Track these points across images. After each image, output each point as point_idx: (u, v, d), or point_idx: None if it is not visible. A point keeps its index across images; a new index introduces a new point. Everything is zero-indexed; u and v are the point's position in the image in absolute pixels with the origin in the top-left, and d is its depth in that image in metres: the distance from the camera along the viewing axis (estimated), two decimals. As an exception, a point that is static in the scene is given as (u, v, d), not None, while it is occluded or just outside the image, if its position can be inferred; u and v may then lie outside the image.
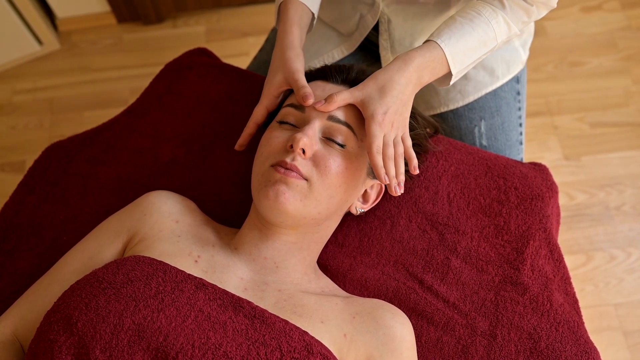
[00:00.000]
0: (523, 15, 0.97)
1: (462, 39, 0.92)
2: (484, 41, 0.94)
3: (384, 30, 1.15)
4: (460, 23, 0.93)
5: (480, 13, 0.95)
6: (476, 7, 0.96)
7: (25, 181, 1.08)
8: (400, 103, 0.87)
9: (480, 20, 0.94)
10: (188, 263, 0.85)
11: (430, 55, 0.90)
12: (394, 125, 0.86)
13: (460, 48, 0.92)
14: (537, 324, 0.92)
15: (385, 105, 0.85)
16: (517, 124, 1.24)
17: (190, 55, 1.22)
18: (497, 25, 0.95)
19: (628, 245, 1.73)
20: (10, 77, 2.09)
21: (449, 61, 0.92)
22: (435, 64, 0.91)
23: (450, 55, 0.91)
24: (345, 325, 0.83)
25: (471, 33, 0.93)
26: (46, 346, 0.72)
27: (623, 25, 2.13)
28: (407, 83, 0.88)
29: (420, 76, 0.90)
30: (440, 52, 0.91)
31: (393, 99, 0.86)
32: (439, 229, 1.01)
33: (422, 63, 0.89)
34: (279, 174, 0.83)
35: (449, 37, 0.92)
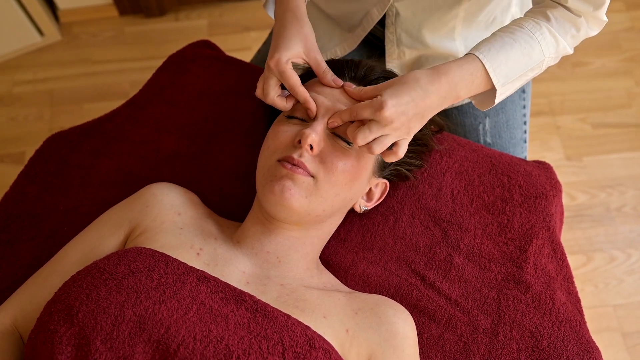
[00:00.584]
0: (571, 27, 0.91)
1: (502, 50, 0.86)
2: (528, 54, 0.88)
3: (390, 23, 1.13)
4: (501, 36, 0.88)
5: (523, 26, 0.90)
6: (518, 21, 0.92)
7: (26, 171, 1.07)
8: (415, 108, 0.79)
9: (522, 32, 0.89)
10: (190, 255, 0.84)
11: (469, 67, 0.84)
12: (394, 126, 0.79)
13: (501, 60, 0.85)
14: (539, 323, 0.91)
15: (397, 99, 0.78)
16: (522, 122, 1.24)
17: (193, 48, 1.21)
18: (542, 37, 0.89)
19: (628, 246, 1.73)
20: (10, 68, 2.08)
21: (490, 73, 0.85)
22: (474, 77, 0.85)
23: (491, 67, 0.85)
24: (347, 320, 0.83)
25: (512, 45, 0.87)
26: (46, 336, 0.72)
27: (627, 26, 2.12)
28: (433, 92, 0.81)
29: (455, 89, 0.83)
30: (479, 65, 0.85)
31: (409, 99, 0.79)
32: (442, 226, 1.00)
33: (458, 75, 0.83)
34: (285, 169, 0.82)
35: (488, 49, 0.86)
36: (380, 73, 0.94)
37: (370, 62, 0.96)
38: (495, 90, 0.88)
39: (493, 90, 0.88)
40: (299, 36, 0.86)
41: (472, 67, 0.85)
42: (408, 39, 1.13)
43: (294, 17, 0.87)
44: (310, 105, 0.85)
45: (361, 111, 0.79)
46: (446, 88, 0.82)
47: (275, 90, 0.86)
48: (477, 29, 1.12)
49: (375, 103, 0.78)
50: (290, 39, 0.85)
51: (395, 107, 0.77)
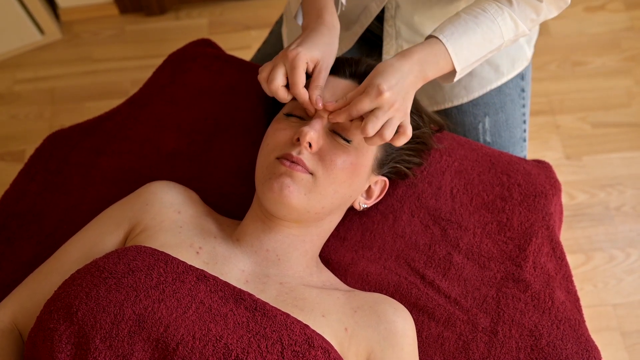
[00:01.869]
0: (531, 12, 0.95)
1: (465, 35, 0.90)
2: (489, 38, 0.92)
3: (389, 16, 1.13)
4: (464, 19, 0.91)
5: (486, 10, 0.92)
6: (482, 5, 0.94)
7: (27, 169, 1.07)
8: (403, 88, 0.82)
9: (485, 17, 0.92)
10: (189, 254, 0.84)
11: (432, 49, 0.88)
12: (395, 107, 0.81)
13: (463, 44, 0.89)
14: (539, 321, 0.92)
15: (388, 82, 0.80)
16: (521, 121, 1.24)
17: (194, 46, 1.21)
18: (503, 22, 0.92)
19: (628, 245, 1.73)
20: (11, 66, 2.08)
21: (452, 57, 0.89)
22: (438, 58, 0.88)
23: (454, 51, 0.89)
24: (346, 319, 0.83)
25: (475, 29, 0.90)
26: (46, 335, 0.72)
27: (626, 25, 2.12)
28: (408, 72, 0.84)
29: (423, 70, 0.87)
30: (442, 48, 0.88)
31: (396, 80, 0.81)
32: (442, 225, 1.00)
33: (424, 57, 0.86)
34: (284, 166, 0.82)
35: (451, 32, 0.89)
36: None
37: (370, 60, 0.96)
38: (455, 71, 0.91)
39: (453, 71, 0.92)
40: (326, 48, 0.88)
41: (435, 49, 0.88)
42: (408, 31, 1.13)
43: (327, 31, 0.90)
44: (309, 106, 0.85)
45: (360, 105, 0.80)
46: (416, 68, 0.85)
47: (282, 80, 0.86)
48: None
49: (372, 91, 0.79)
50: (318, 45, 0.87)
51: (391, 89, 0.80)
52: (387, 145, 0.91)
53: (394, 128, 0.82)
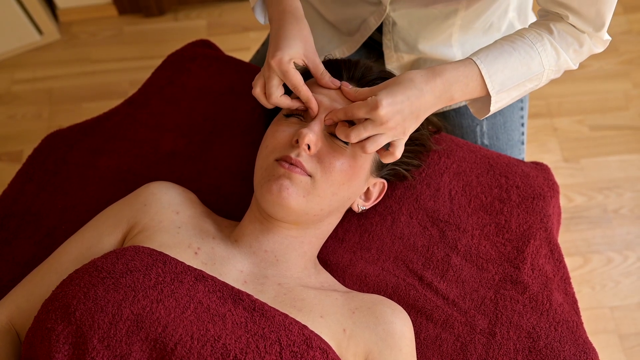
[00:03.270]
0: (574, 42, 0.91)
1: (500, 57, 0.86)
2: (527, 64, 0.88)
3: (387, 31, 1.14)
4: (500, 44, 0.88)
5: (524, 36, 0.90)
6: (520, 31, 0.91)
7: (24, 169, 1.07)
8: (410, 107, 0.79)
9: (523, 43, 0.88)
10: (188, 255, 0.84)
11: (464, 69, 0.84)
12: (389, 126, 0.78)
13: (498, 67, 0.85)
14: (537, 323, 0.92)
15: (393, 98, 0.78)
16: (519, 124, 1.24)
17: (192, 47, 1.21)
18: (543, 48, 0.89)
19: (625, 248, 1.73)
20: (9, 66, 2.08)
21: (485, 79, 0.85)
22: (469, 80, 0.85)
23: (487, 73, 0.85)
24: (344, 320, 0.83)
25: (511, 53, 0.87)
26: (44, 335, 0.72)
27: (624, 29, 2.13)
28: (428, 91, 0.81)
29: (449, 90, 0.83)
30: (475, 69, 0.85)
31: (404, 98, 0.78)
32: (440, 226, 1.00)
33: (454, 76, 0.83)
34: (283, 168, 0.82)
35: (485, 55, 0.86)
36: (378, 73, 0.94)
37: (368, 63, 0.96)
38: (490, 97, 0.88)
39: (488, 97, 0.88)
40: (299, 37, 0.86)
41: (467, 70, 0.85)
42: (405, 46, 1.14)
43: (293, 18, 0.87)
44: (312, 104, 0.85)
45: (356, 111, 0.79)
46: (441, 88, 0.82)
47: (279, 90, 0.85)
48: (474, 35, 1.13)
49: (371, 102, 0.78)
50: (291, 39, 0.85)
51: (390, 107, 0.77)
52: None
53: (379, 144, 0.80)
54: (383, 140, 0.80)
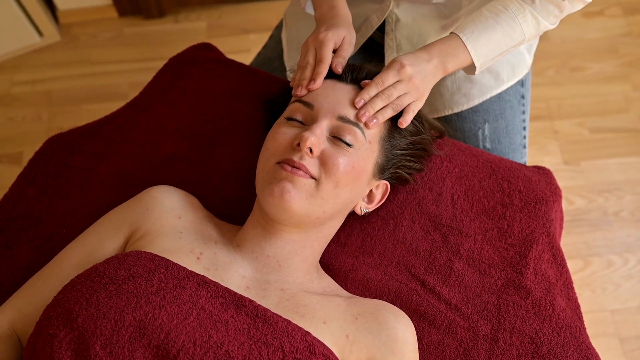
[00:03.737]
0: (554, 9, 0.98)
1: (484, 32, 0.95)
2: (509, 34, 0.96)
3: (390, 30, 1.14)
4: (485, 17, 0.96)
5: (507, 7, 0.96)
6: (503, 2, 0.97)
7: (25, 173, 1.06)
8: (425, 69, 0.90)
9: (505, 15, 0.96)
10: (190, 260, 0.84)
11: (451, 43, 0.94)
12: (415, 84, 0.89)
13: (482, 41, 0.95)
14: (539, 329, 0.91)
15: (409, 60, 0.89)
16: (521, 128, 1.24)
17: (194, 50, 1.21)
18: (524, 19, 0.96)
19: (625, 251, 1.73)
20: (9, 68, 2.07)
21: (470, 53, 0.95)
22: (458, 52, 0.95)
23: (472, 48, 0.94)
24: (347, 326, 0.82)
25: (495, 27, 0.95)
26: (46, 341, 0.71)
27: (624, 31, 2.13)
28: (428, 59, 0.91)
29: (443, 61, 0.93)
30: (462, 44, 0.94)
31: (419, 59, 0.90)
32: (442, 231, 1.00)
33: (444, 50, 0.93)
34: (285, 171, 0.82)
35: (471, 30, 0.95)
36: None
37: (371, 67, 0.96)
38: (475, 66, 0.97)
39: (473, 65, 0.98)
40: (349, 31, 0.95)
41: (455, 44, 0.95)
42: (408, 45, 1.14)
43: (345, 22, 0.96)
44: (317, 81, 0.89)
45: (385, 77, 0.88)
46: (437, 60, 0.93)
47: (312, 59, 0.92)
48: None
49: (395, 65, 0.88)
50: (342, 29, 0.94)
51: (412, 67, 0.89)
52: (387, 150, 0.91)
53: (405, 102, 0.90)
54: (407, 99, 0.90)
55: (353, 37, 0.96)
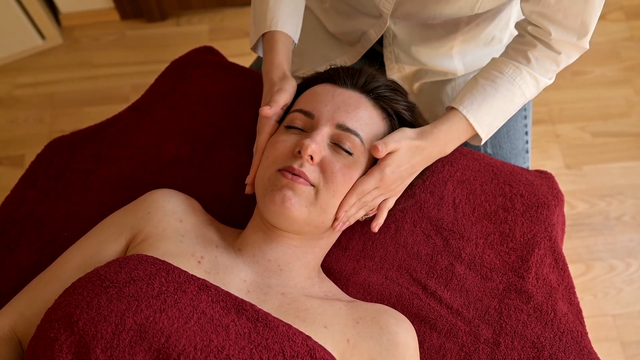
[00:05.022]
0: (551, 64, 0.95)
1: (485, 102, 0.93)
2: (510, 99, 0.94)
3: (388, 44, 1.14)
4: (482, 85, 0.94)
5: (503, 72, 0.94)
6: (498, 66, 0.95)
7: (27, 175, 1.06)
8: (409, 170, 0.90)
9: (503, 80, 0.93)
10: (191, 264, 0.84)
11: (457, 127, 0.93)
12: (390, 188, 0.89)
13: (484, 111, 0.93)
14: (541, 333, 0.91)
15: (397, 165, 0.87)
16: (523, 133, 1.24)
17: (196, 53, 1.21)
18: (523, 81, 0.94)
19: (627, 255, 1.73)
20: (11, 70, 2.08)
21: (474, 126, 0.93)
22: (460, 133, 0.93)
23: (475, 120, 0.92)
24: (348, 330, 0.82)
25: (494, 95, 0.93)
26: (46, 344, 0.71)
27: (626, 35, 2.13)
28: (427, 156, 0.91)
29: (443, 149, 0.93)
30: (464, 120, 0.92)
31: (408, 165, 0.88)
32: (444, 235, 1.00)
33: (449, 137, 0.93)
34: (285, 179, 0.82)
35: (470, 102, 0.93)
36: (382, 82, 0.94)
37: (372, 71, 0.96)
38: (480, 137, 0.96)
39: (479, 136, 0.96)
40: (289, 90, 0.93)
41: (459, 126, 0.93)
42: (406, 57, 1.14)
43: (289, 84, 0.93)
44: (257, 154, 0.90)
45: (366, 187, 0.86)
46: (437, 150, 0.92)
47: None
48: (475, 46, 1.13)
49: (377, 174, 0.86)
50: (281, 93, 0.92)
51: (394, 174, 0.87)
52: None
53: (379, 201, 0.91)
54: (380, 199, 0.90)
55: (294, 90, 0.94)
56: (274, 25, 0.97)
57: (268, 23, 0.98)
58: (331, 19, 1.18)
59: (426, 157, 0.91)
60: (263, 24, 0.99)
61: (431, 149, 0.90)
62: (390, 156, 0.86)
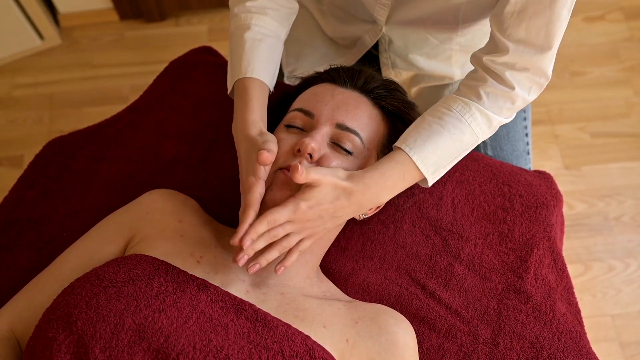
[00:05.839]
0: (505, 102, 0.89)
1: (429, 139, 0.85)
2: (459, 138, 0.87)
3: (383, 50, 1.14)
4: (428, 123, 0.87)
5: (451, 109, 0.88)
6: (447, 103, 0.89)
7: (26, 175, 1.06)
8: (331, 212, 0.80)
9: (451, 117, 0.87)
10: (190, 263, 0.84)
11: (399, 168, 0.84)
12: (306, 226, 0.80)
13: (429, 150, 0.85)
14: (540, 333, 0.91)
15: (316, 202, 0.78)
16: (523, 134, 1.24)
17: (195, 54, 1.21)
18: (472, 119, 0.87)
19: (627, 256, 1.73)
20: (10, 71, 2.07)
21: (418, 165, 0.85)
22: (405, 175, 0.85)
23: (419, 159, 0.85)
24: (347, 330, 0.82)
25: (441, 132, 0.86)
26: (45, 344, 0.71)
27: (626, 36, 2.13)
28: (354, 202, 0.81)
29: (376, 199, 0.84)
30: (409, 161, 0.84)
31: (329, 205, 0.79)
32: (443, 235, 1.00)
33: (382, 184, 0.83)
34: (285, 176, 0.82)
35: (414, 139, 0.85)
36: (381, 82, 0.94)
37: (371, 71, 0.96)
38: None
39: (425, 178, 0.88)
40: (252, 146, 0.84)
41: (403, 167, 0.84)
42: (402, 63, 1.14)
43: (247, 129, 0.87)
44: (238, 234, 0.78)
45: (278, 217, 0.77)
46: (368, 198, 0.82)
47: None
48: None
49: (290, 208, 0.77)
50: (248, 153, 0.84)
51: (311, 208, 0.78)
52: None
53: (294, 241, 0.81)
54: (294, 239, 0.80)
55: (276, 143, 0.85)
56: (250, 72, 0.91)
57: (243, 69, 0.92)
58: (328, 22, 1.19)
59: (354, 203, 0.81)
60: (238, 69, 0.93)
61: (360, 195, 0.81)
62: (310, 190, 0.78)
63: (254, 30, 0.95)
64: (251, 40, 0.94)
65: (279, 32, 0.98)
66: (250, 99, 0.89)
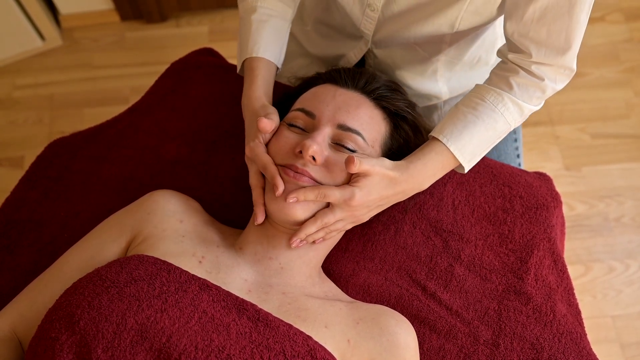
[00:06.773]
0: (536, 91, 0.91)
1: (466, 129, 0.89)
2: (492, 127, 0.90)
3: (369, 65, 1.14)
4: (463, 113, 0.90)
5: (484, 99, 0.91)
6: (480, 93, 0.92)
7: (27, 176, 1.07)
8: (378, 202, 0.86)
9: (484, 107, 0.90)
10: (192, 263, 0.84)
11: (438, 158, 0.89)
12: (355, 214, 0.85)
13: (465, 139, 0.89)
14: (540, 334, 0.91)
15: (367, 192, 0.83)
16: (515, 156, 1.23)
17: (196, 55, 1.21)
18: (505, 108, 0.90)
19: (627, 257, 1.73)
20: (11, 71, 2.08)
21: (456, 155, 0.89)
22: (442, 164, 0.90)
23: (457, 149, 0.89)
24: (349, 330, 0.82)
25: (475, 122, 0.89)
26: (47, 344, 0.71)
27: (626, 37, 2.13)
28: (399, 192, 0.87)
29: (419, 187, 0.90)
30: (445, 150, 0.89)
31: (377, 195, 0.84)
32: (443, 236, 1.00)
33: (425, 173, 0.88)
34: (288, 176, 0.82)
35: (450, 130, 0.89)
36: (382, 82, 0.95)
37: (373, 72, 0.96)
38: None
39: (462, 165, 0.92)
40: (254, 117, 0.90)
41: (442, 158, 0.89)
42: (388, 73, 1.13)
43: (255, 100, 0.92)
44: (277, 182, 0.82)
45: (331, 196, 0.82)
46: (412, 186, 0.88)
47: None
48: (461, 69, 1.12)
49: (346, 194, 0.82)
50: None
51: (362, 199, 0.83)
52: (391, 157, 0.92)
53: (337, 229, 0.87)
54: (341, 225, 0.87)
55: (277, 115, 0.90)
56: (255, 52, 0.96)
57: (250, 49, 0.96)
58: (312, 41, 1.18)
59: (399, 192, 0.87)
60: (245, 50, 0.97)
61: (405, 184, 0.86)
62: (364, 179, 0.82)
63: (260, 12, 0.99)
64: (257, 21, 0.98)
65: (285, 12, 1.02)
66: (255, 77, 0.95)
